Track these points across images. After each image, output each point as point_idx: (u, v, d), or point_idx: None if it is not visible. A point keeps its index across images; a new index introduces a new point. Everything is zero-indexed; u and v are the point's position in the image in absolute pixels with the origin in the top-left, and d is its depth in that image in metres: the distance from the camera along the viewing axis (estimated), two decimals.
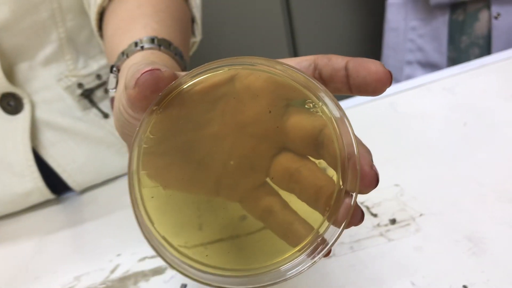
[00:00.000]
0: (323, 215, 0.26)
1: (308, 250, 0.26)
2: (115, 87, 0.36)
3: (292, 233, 0.27)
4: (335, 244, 0.26)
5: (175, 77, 0.25)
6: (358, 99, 0.70)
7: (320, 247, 0.26)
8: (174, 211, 0.28)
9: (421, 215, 0.47)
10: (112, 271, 0.50)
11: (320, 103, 0.26)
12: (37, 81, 0.59)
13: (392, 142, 0.59)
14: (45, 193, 0.61)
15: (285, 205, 0.28)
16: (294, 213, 0.27)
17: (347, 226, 0.26)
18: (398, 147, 0.58)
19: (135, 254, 0.51)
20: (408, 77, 1.05)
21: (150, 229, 0.26)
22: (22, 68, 0.58)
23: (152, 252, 0.36)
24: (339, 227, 0.25)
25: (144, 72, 0.24)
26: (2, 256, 0.57)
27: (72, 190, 0.64)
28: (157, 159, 0.27)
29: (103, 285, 0.48)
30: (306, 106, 0.26)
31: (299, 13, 1.35)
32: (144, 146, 0.26)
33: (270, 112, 0.27)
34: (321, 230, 0.26)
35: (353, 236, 0.47)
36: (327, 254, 0.27)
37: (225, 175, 0.28)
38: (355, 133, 0.26)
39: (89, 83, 0.62)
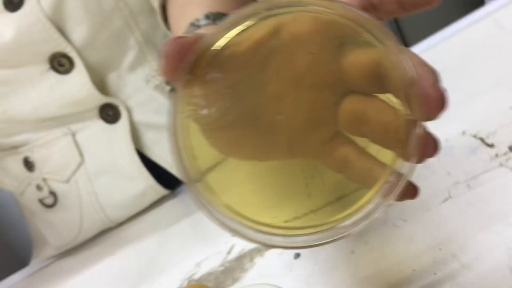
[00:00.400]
0: (395, 151, 0.23)
1: (384, 189, 0.23)
2: None
3: (371, 178, 0.24)
4: (409, 178, 0.22)
5: (196, 40, 0.24)
6: (456, 26, 0.63)
7: (398, 184, 0.23)
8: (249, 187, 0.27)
9: None
10: (229, 252, 0.50)
11: (371, 35, 0.23)
12: (127, 88, 0.61)
13: (501, 63, 0.52)
14: (159, 190, 0.64)
15: (361, 151, 0.25)
16: (371, 158, 0.25)
17: (421, 159, 0.22)
18: (507, 67, 0.51)
19: None
20: None
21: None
22: (112, 78, 0.61)
23: None
24: (414, 162, 0.22)
25: (167, 42, 0.23)
26: (130, 255, 0.61)
27: (183, 181, 0.66)
28: (218, 134, 0.25)
29: (222, 267, 0.49)
30: (357, 40, 0.24)
31: None
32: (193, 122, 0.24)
33: (324, 56, 0.24)
34: (396, 167, 0.23)
35: (469, 173, 0.42)
36: (411, 194, 0.25)
37: (295, 134, 0.26)
38: (418, 57, 0.23)
39: None
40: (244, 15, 0.24)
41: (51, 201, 0.65)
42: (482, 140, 0.44)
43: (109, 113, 0.61)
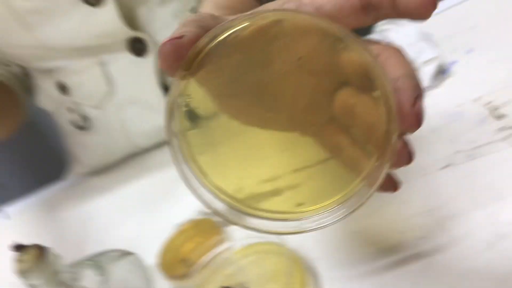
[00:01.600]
0: (376, 152, 0.25)
1: (367, 181, 0.25)
2: None
3: (357, 166, 0.26)
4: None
5: (197, 39, 0.25)
6: None
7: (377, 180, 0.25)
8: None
9: None
10: None
11: (358, 43, 0.24)
12: (156, 22, 0.63)
13: None
14: None
15: (351, 141, 0.27)
16: (359, 147, 0.27)
17: (394, 167, 0.25)
18: None
19: None
20: None
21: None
22: (141, 12, 0.62)
23: None
24: (386, 168, 0.24)
25: (164, 43, 0.24)
26: (151, 183, 0.66)
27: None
28: (226, 101, 0.27)
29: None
30: (346, 45, 0.25)
31: None
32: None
33: (322, 48, 0.26)
34: (376, 164, 0.25)
35: (473, 143, 0.43)
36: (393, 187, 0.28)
37: (296, 110, 0.28)
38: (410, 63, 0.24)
39: None
40: (240, 18, 0.25)
41: (83, 124, 0.69)
42: (494, 109, 0.44)
43: (137, 47, 0.62)
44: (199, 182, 0.26)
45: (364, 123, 0.25)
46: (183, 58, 0.24)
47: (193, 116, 0.26)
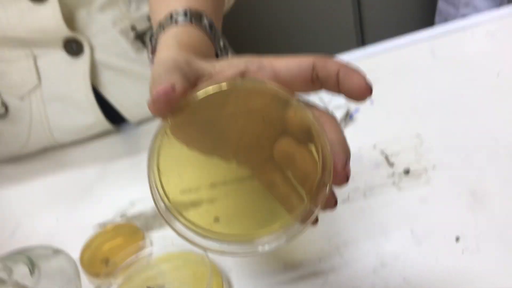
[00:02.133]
0: (306, 196, 0.31)
1: (299, 219, 0.31)
2: (152, 54, 0.42)
3: (289, 203, 0.33)
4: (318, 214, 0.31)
5: (185, 92, 0.30)
6: (398, 41, 0.71)
7: (306, 220, 0.31)
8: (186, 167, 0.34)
9: (434, 167, 0.50)
10: None
11: (303, 108, 0.31)
12: (95, 26, 0.65)
13: (423, 89, 0.61)
14: (105, 124, 0.69)
15: (286, 179, 0.33)
16: (292, 186, 0.33)
17: (323, 209, 0.31)
18: (427, 94, 0.60)
19: None
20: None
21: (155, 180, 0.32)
22: (81, 15, 0.64)
23: None
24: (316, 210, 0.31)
25: (158, 90, 0.29)
26: (70, 179, 0.67)
27: (129, 122, 0.72)
28: (182, 131, 0.33)
29: (154, 211, 0.57)
30: (295, 108, 0.31)
31: None
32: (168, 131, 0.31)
33: (273, 104, 0.32)
34: (304, 208, 0.31)
35: (368, 183, 0.51)
36: (331, 205, 0.33)
37: (241, 145, 0.34)
38: (342, 131, 0.31)
39: (141, 25, 0.67)
40: (211, 82, 0.31)
41: (2, 111, 0.68)
42: (386, 157, 0.54)
43: (73, 47, 0.64)
44: (154, 179, 0.32)
45: (300, 170, 0.32)
46: (172, 106, 0.29)
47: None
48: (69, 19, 0.63)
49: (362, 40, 1.42)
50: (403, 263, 0.43)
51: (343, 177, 0.30)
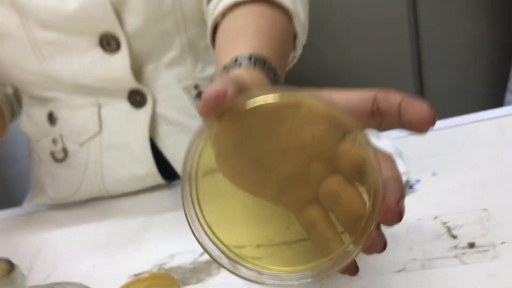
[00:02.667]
0: (350, 237, 0.29)
1: (333, 261, 0.29)
2: None
3: (327, 247, 0.30)
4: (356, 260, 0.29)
5: (233, 97, 0.29)
6: (465, 118, 0.68)
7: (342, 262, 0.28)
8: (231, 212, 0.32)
9: (503, 243, 0.45)
10: (201, 254, 0.55)
11: (364, 138, 0.29)
12: (160, 81, 0.67)
13: (489, 164, 0.57)
14: (157, 178, 0.69)
15: (328, 222, 0.31)
16: (333, 231, 0.31)
17: (368, 252, 0.29)
18: (495, 170, 0.56)
19: None
20: None
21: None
22: (149, 69, 0.66)
23: None
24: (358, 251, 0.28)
25: (210, 90, 0.28)
26: (116, 226, 0.66)
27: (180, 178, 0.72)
28: (227, 160, 0.31)
29: (192, 265, 0.54)
30: (354, 137, 0.29)
31: (426, 26, 1.32)
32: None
33: (327, 137, 0.30)
34: (348, 249, 0.29)
35: (427, 254, 0.47)
36: (353, 271, 0.31)
37: (284, 185, 0.31)
38: (397, 169, 0.29)
39: (205, 85, 0.69)
40: (267, 91, 0.30)
41: (61, 156, 0.70)
42: (448, 229, 0.49)
43: (137, 98, 0.66)
44: (202, 229, 0.30)
45: (346, 211, 0.29)
46: (219, 109, 0.28)
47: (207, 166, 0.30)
48: (137, 72, 0.65)
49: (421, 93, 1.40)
50: None
51: (396, 213, 0.27)
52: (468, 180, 0.56)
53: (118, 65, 0.63)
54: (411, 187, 0.57)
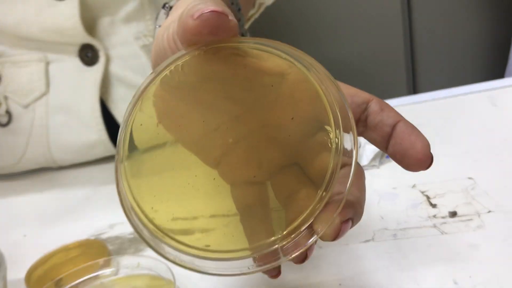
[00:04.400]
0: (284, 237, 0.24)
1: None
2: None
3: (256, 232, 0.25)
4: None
5: (236, 31, 0.23)
6: (455, 90, 0.62)
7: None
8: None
9: (489, 211, 0.38)
10: None
11: (341, 140, 0.23)
12: (115, 37, 0.60)
13: (480, 135, 0.51)
14: (109, 147, 0.62)
15: (266, 204, 0.25)
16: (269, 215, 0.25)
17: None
18: (484, 140, 0.49)
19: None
20: None
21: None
22: (104, 23, 0.59)
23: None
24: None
25: (211, 11, 0.22)
26: (58, 197, 0.59)
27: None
28: (170, 97, 0.25)
29: (131, 235, 0.47)
30: (329, 138, 0.23)
31: (420, 19, 1.26)
32: (165, 77, 0.24)
33: (299, 126, 0.24)
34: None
35: (401, 224, 0.40)
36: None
37: (231, 154, 0.25)
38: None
39: None
40: (272, 45, 0.24)
41: (5, 121, 0.63)
42: (427, 198, 0.42)
43: (88, 54, 0.59)
44: (130, 205, 0.24)
45: (294, 210, 0.24)
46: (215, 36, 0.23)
47: (141, 140, 0.25)
48: (90, 25, 0.59)
49: (414, 89, 1.33)
50: None
51: (335, 231, 0.24)
52: (454, 150, 0.49)
53: (66, 13, 0.56)
54: (387, 156, 0.50)
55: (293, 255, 0.23)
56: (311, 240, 0.23)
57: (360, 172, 0.26)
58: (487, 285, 0.32)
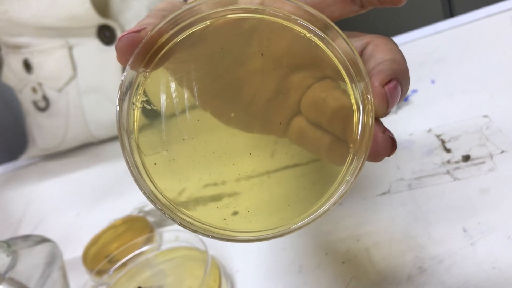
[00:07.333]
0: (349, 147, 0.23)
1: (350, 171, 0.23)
2: None
3: (331, 150, 0.24)
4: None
5: (159, 32, 0.23)
6: (474, 15, 0.59)
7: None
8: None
9: (502, 152, 0.39)
10: None
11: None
12: (129, 12, 0.61)
13: (498, 64, 0.50)
14: None
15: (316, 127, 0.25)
16: (328, 135, 0.24)
17: (375, 157, 0.23)
18: (503, 71, 0.48)
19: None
20: None
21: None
22: (116, 1, 0.61)
23: None
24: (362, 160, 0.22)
25: (121, 36, 0.22)
26: (103, 172, 0.64)
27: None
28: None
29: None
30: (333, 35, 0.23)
31: None
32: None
33: (304, 38, 0.24)
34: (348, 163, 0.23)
35: (416, 173, 0.41)
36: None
37: (260, 109, 0.25)
38: None
39: None
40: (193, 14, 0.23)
41: (43, 105, 0.67)
42: (442, 142, 0.43)
43: (106, 34, 0.61)
44: (143, 179, 0.25)
45: (336, 117, 0.24)
46: (141, 53, 0.22)
47: (148, 114, 0.25)
48: (102, 6, 0.60)
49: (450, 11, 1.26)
50: (447, 269, 0.32)
51: (380, 98, 0.22)
52: (470, 86, 0.48)
53: (77, 2, 0.58)
54: (406, 99, 0.50)
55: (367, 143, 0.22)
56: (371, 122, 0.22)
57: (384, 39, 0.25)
58: (494, 230, 0.33)
